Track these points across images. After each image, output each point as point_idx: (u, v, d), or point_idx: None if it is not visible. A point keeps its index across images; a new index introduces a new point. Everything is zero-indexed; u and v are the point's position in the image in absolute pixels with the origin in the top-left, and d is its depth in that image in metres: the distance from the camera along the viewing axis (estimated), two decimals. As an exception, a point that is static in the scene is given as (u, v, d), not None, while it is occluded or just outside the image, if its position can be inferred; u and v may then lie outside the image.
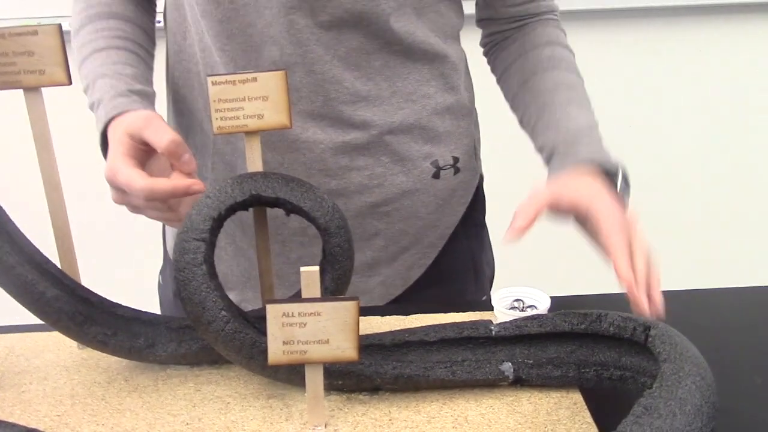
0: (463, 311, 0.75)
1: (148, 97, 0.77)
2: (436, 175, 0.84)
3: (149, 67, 0.84)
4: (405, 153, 0.82)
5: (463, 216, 0.89)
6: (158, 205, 0.67)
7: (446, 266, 0.88)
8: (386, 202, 0.82)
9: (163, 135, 0.66)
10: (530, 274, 0.96)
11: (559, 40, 0.85)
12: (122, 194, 0.68)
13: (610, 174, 0.72)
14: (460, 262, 0.90)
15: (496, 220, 0.97)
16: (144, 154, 0.69)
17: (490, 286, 0.96)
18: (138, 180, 0.65)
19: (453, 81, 0.83)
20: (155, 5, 0.90)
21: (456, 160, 0.85)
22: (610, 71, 1.88)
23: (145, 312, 0.67)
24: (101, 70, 0.78)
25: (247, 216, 0.73)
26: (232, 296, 0.85)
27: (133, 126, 0.68)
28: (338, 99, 0.76)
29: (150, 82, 0.82)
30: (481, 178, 0.94)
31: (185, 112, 0.85)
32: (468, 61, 0.89)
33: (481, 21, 0.89)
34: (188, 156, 0.67)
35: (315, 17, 0.73)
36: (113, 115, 0.72)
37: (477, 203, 0.92)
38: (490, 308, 0.73)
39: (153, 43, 0.87)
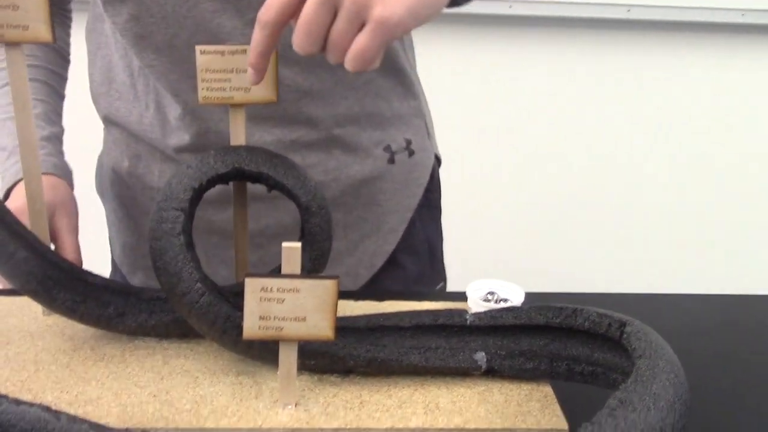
0: (435, 300, 0.75)
1: (56, 140, 0.84)
2: (391, 160, 0.83)
3: (60, 96, 0.89)
4: (356, 143, 0.81)
5: (420, 199, 0.88)
6: None
7: (406, 252, 0.88)
8: (344, 194, 0.81)
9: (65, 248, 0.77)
10: (506, 269, 0.96)
11: None
12: None
13: None
14: (417, 247, 0.89)
15: (451, 209, 0.97)
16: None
17: (445, 273, 0.96)
18: None
19: (396, 62, 0.82)
20: (70, 14, 0.92)
21: (409, 142, 0.85)
22: (609, 79, 1.91)
23: (116, 281, 0.66)
24: (12, 108, 0.80)
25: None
26: None
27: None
28: (279, 97, 0.75)
29: (59, 116, 0.87)
30: (438, 159, 0.93)
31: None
32: (414, 40, 0.88)
33: None
34: None
35: (242, 17, 0.71)
36: (20, 178, 0.78)
37: (433, 185, 0.91)
38: (456, 298, 0.73)
39: (66, 61, 0.91)
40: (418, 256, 0.90)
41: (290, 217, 0.81)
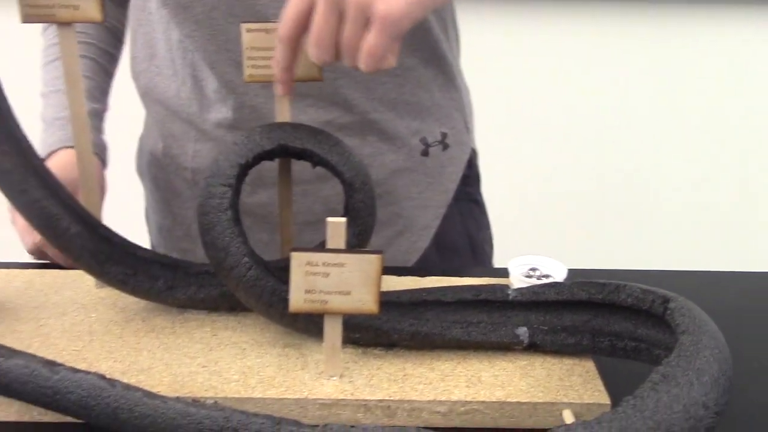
0: (477, 277, 0.76)
1: (95, 116, 0.84)
2: (425, 153, 0.83)
3: (108, 74, 0.89)
4: (393, 131, 0.80)
5: (455, 193, 0.87)
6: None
7: (443, 247, 0.87)
8: (377, 183, 0.80)
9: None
10: (549, 246, 0.96)
11: None
12: None
13: None
14: (456, 242, 0.88)
15: (493, 200, 0.96)
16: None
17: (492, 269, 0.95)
18: (26, 237, 0.78)
19: (438, 51, 0.81)
20: None
21: (444, 135, 0.84)
22: (644, 59, 1.88)
23: (164, 255, 0.68)
24: (59, 82, 0.82)
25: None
26: None
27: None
28: None
29: (104, 93, 0.88)
30: (474, 152, 0.91)
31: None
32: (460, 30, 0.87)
33: None
34: None
35: None
36: (58, 147, 0.80)
37: (470, 179, 0.90)
38: (498, 274, 0.74)
39: (119, 41, 0.91)
40: (458, 252, 0.89)
41: (320, 204, 0.81)
